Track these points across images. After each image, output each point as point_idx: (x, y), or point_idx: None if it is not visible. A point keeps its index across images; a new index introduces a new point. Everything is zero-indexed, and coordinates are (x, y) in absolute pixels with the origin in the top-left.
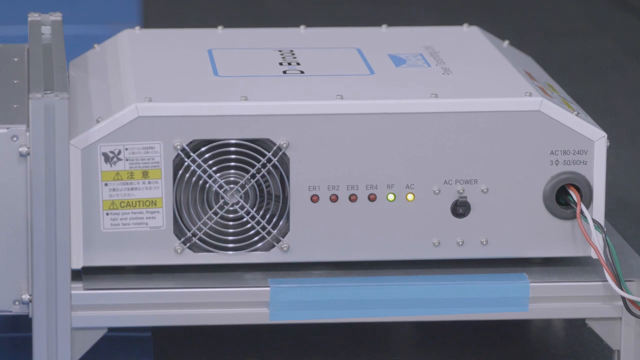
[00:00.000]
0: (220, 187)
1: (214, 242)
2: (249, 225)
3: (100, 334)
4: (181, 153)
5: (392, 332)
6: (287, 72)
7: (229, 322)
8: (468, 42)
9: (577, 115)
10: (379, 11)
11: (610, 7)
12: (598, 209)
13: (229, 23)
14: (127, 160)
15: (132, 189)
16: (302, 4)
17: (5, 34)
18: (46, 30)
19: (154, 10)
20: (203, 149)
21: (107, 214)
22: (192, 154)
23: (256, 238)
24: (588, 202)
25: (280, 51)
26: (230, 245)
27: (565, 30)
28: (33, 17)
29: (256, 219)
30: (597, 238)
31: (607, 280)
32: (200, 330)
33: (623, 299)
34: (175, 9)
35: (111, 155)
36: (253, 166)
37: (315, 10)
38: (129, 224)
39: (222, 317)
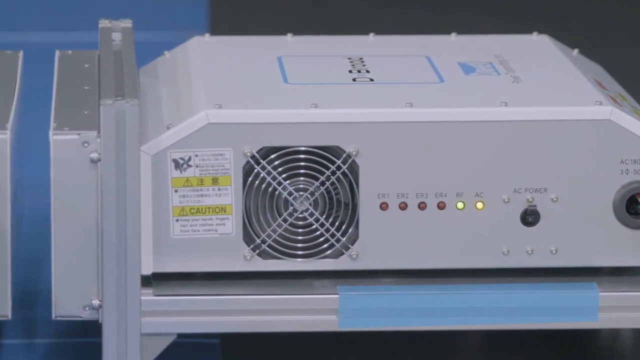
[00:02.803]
0: (290, 194)
1: (283, 249)
2: (318, 233)
3: (169, 340)
4: (251, 160)
5: (460, 341)
6: (356, 79)
7: (297, 329)
8: (537, 50)
9: None
10: (447, 18)
11: None
12: None
13: (294, 30)
14: (197, 166)
15: (201, 195)
16: (367, 11)
17: (76, 40)
18: (117, 36)
19: (221, 17)
20: (273, 156)
21: (177, 220)
22: (261, 161)
23: (325, 245)
24: None
25: (349, 59)
26: (300, 252)
27: (634, 38)
28: (104, 23)
29: (325, 227)
30: None
31: None
32: (269, 337)
33: None
34: (241, 16)
35: (181, 161)
36: (322, 173)
37: (380, 17)
38: (199, 231)
39: (290, 324)
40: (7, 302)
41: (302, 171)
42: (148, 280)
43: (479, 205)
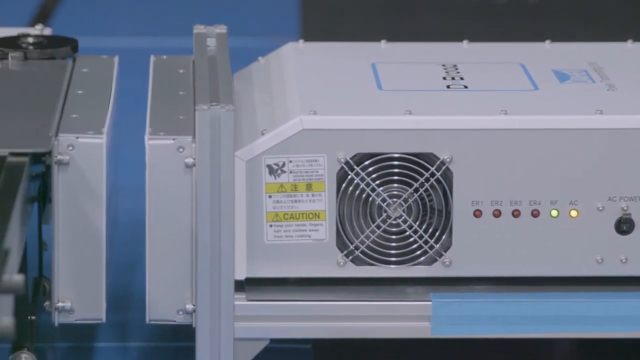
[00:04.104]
0: (384, 200)
1: (376, 256)
2: (411, 239)
3: (262, 345)
4: (345, 166)
5: (554, 349)
6: (450, 86)
7: (390, 335)
8: (632, 58)
9: None
10: (539, 26)
11: None
12: None
13: (385, 36)
14: (291, 172)
15: (295, 201)
16: (458, 18)
17: (170, 46)
18: (211, 42)
19: (312, 24)
20: (367, 162)
21: (271, 225)
22: (355, 167)
23: (418, 252)
24: None
25: (443, 65)
26: (393, 259)
27: None
28: (198, 29)
29: (419, 233)
30: None
31: None
32: (361, 344)
33: None
34: (332, 23)
35: (275, 167)
36: (416, 180)
37: (471, 24)
38: (292, 236)
39: (383, 331)
40: (102, 306)
41: (395, 178)
42: (241, 285)
43: (573, 213)
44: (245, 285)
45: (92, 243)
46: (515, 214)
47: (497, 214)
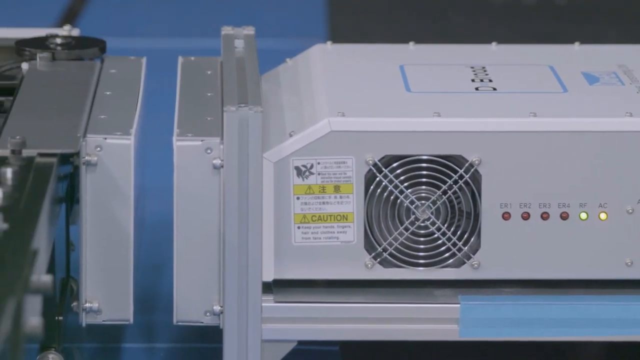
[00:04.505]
0: (412, 202)
1: (404, 258)
2: (439, 242)
3: (290, 347)
4: (373, 168)
5: (582, 352)
6: (479, 88)
7: (418, 338)
8: None
9: None
10: (568, 28)
11: None
12: None
13: (413, 38)
14: (319, 174)
15: (323, 203)
16: (487, 20)
17: (198, 47)
18: (239, 43)
19: (340, 25)
20: (395, 164)
21: (299, 227)
22: (384, 169)
23: (447, 254)
24: None
25: (472, 68)
26: (421, 261)
27: None
28: (226, 30)
29: (447, 236)
30: None
31: None
32: (389, 346)
33: None
34: (360, 24)
35: (303, 169)
36: (444, 182)
37: (499, 26)
38: (320, 238)
39: (411, 333)
40: (130, 307)
41: (424, 180)
42: (269, 287)
43: (602, 215)
44: (273, 287)
45: (119, 244)
46: (544, 216)
47: (525, 216)
